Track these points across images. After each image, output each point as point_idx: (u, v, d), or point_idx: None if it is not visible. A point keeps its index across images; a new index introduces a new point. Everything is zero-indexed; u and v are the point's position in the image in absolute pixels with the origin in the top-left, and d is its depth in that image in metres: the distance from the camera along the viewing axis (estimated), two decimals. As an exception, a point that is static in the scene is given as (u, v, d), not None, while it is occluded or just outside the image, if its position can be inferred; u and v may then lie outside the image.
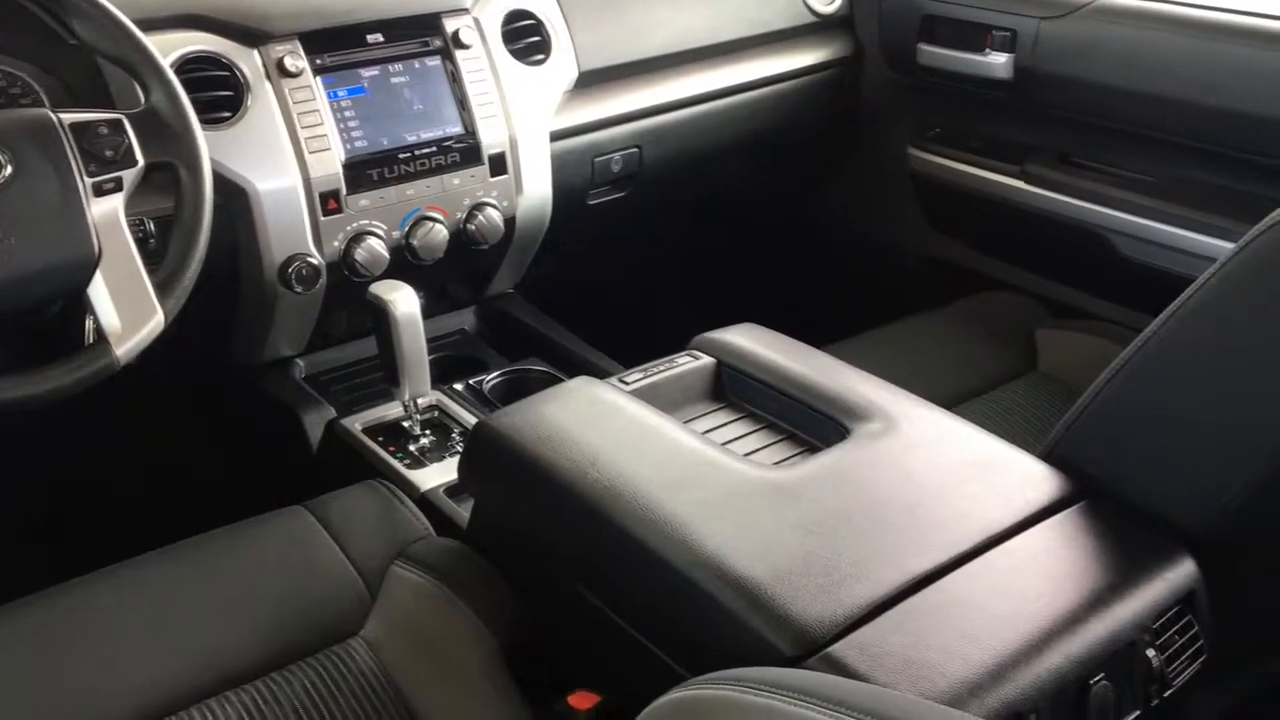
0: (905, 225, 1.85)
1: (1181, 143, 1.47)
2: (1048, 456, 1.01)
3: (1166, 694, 0.87)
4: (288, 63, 1.29)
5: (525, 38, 1.48)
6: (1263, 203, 0.87)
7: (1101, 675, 0.82)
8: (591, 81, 1.54)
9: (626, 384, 1.12)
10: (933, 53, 1.70)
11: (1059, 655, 0.81)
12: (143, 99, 1.06)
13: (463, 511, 1.17)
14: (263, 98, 1.27)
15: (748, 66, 1.71)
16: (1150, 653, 0.86)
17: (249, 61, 1.28)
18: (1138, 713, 0.86)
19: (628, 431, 1.01)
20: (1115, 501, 0.95)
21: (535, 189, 1.46)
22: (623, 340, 1.49)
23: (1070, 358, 1.48)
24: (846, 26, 1.82)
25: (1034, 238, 1.66)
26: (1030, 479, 0.97)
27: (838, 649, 0.79)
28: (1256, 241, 0.85)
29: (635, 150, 1.61)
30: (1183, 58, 1.42)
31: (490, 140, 1.40)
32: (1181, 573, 0.90)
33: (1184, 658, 0.89)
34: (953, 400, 1.40)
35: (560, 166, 1.50)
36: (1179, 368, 0.91)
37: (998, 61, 1.62)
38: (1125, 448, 0.96)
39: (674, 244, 1.94)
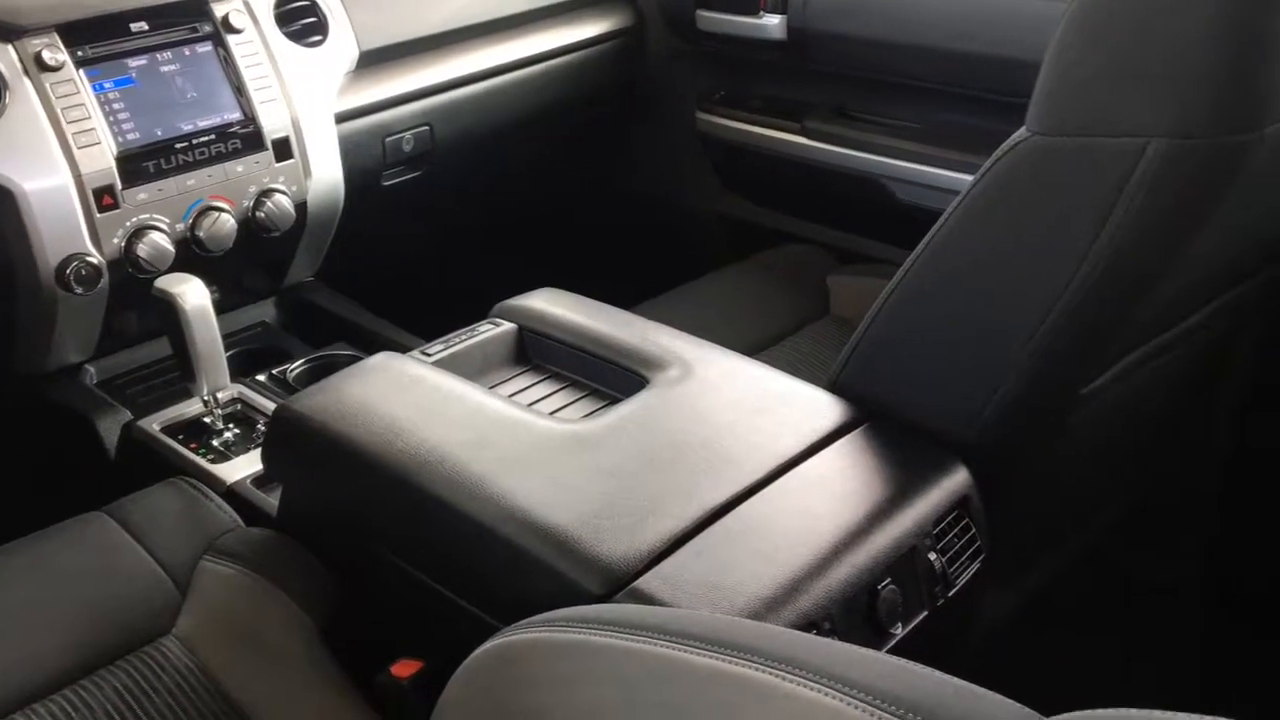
0: (700, 187, 1.91)
1: (943, 89, 1.57)
2: (833, 387, 1.07)
3: (951, 593, 0.95)
4: (46, 56, 1.24)
5: (300, 19, 1.45)
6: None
7: (888, 580, 0.88)
8: (374, 61, 1.53)
9: (428, 355, 1.12)
10: (710, 18, 1.75)
11: (847, 566, 0.87)
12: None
13: (272, 500, 1.16)
14: (21, 94, 1.22)
15: (533, 40, 1.73)
16: (932, 556, 0.93)
17: (4, 57, 1.22)
18: (926, 613, 0.92)
19: (430, 400, 1.02)
20: (894, 421, 1.02)
21: (325, 172, 1.44)
22: (433, 317, 1.49)
23: (858, 299, 1.56)
24: (628, -3, 1.86)
25: (819, 190, 1.74)
26: (817, 408, 1.03)
27: (642, 582, 0.83)
28: (992, 170, 0.91)
29: (426, 128, 1.61)
30: (937, 8, 1.51)
31: (272, 125, 1.38)
32: (956, 481, 0.97)
33: (964, 558, 0.96)
34: (755, 348, 1.46)
35: (350, 148, 1.49)
36: (935, 292, 0.98)
37: (771, 23, 1.68)
38: (897, 371, 1.02)
39: (476, 218, 1.94)
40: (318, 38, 1.47)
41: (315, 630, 0.99)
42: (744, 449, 0.96)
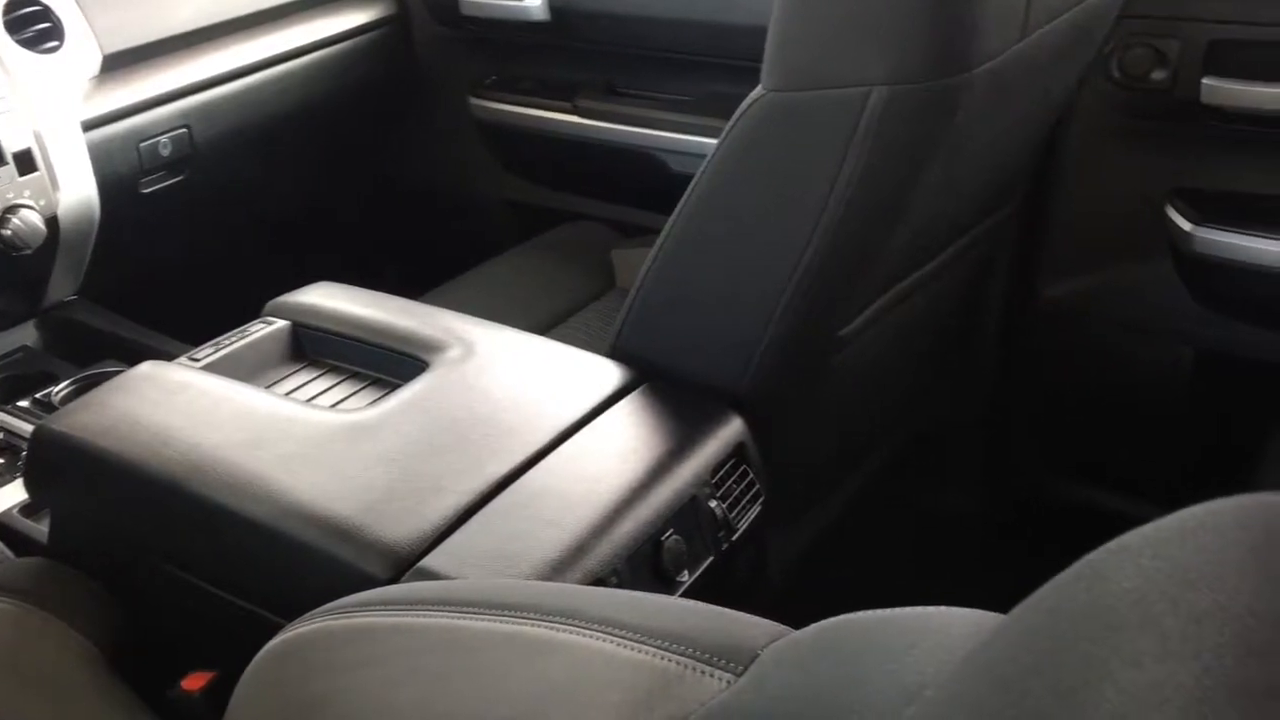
0: (479, 172, 1.91)
1: (708, 60, 1.61)
2: (612, 353, 1.10)
3: (734, 538, 0.98)
4: None
5: (32, 25, 1.37)
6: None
7: (671, 531, 0.91)
8: (121, 64, 1.46)
9: (196, 360, 1.09)
10: (472, 2, 1.75)
11: (630, 521, 0.89)
12: None
13: (42, 528, 1.10)
14: None
15: (291, 34, 1.68)
16: (713, 504, 0.96)
17: None
18: (711, 558, 0.96)
19: (199, 404, 0.99)
20: (670, 380, 1.05)
21: (75, 183, 1.37)
22: (212, 325, 1.44)
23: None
24: (387, -15, 1.83)
25: (596, 167, 1.76)
26: (597, 375, 1.05)
27: (428, 560, 0.83)
28: (734, 129, 0.95)
29: (184, 130, 1.55)
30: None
31: (10, 138, 1.30)
32: (731, 430, 1.01)
33: (744, 503, 1.00)
34: (544, 326, 1.47)
35: (101, 156, 1.42)
36: (694, 252, 1.01)
37: (533, 4, 1.69)
38: (669, 331, 1.06)
39: (249, 220, 1.88)
40: (54, 43, 1.39)
41: (100, 656, 0.95)
42: (525, 420, 0.97)
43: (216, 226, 1.81)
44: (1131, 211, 1.37)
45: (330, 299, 1.18)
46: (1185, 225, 1.31)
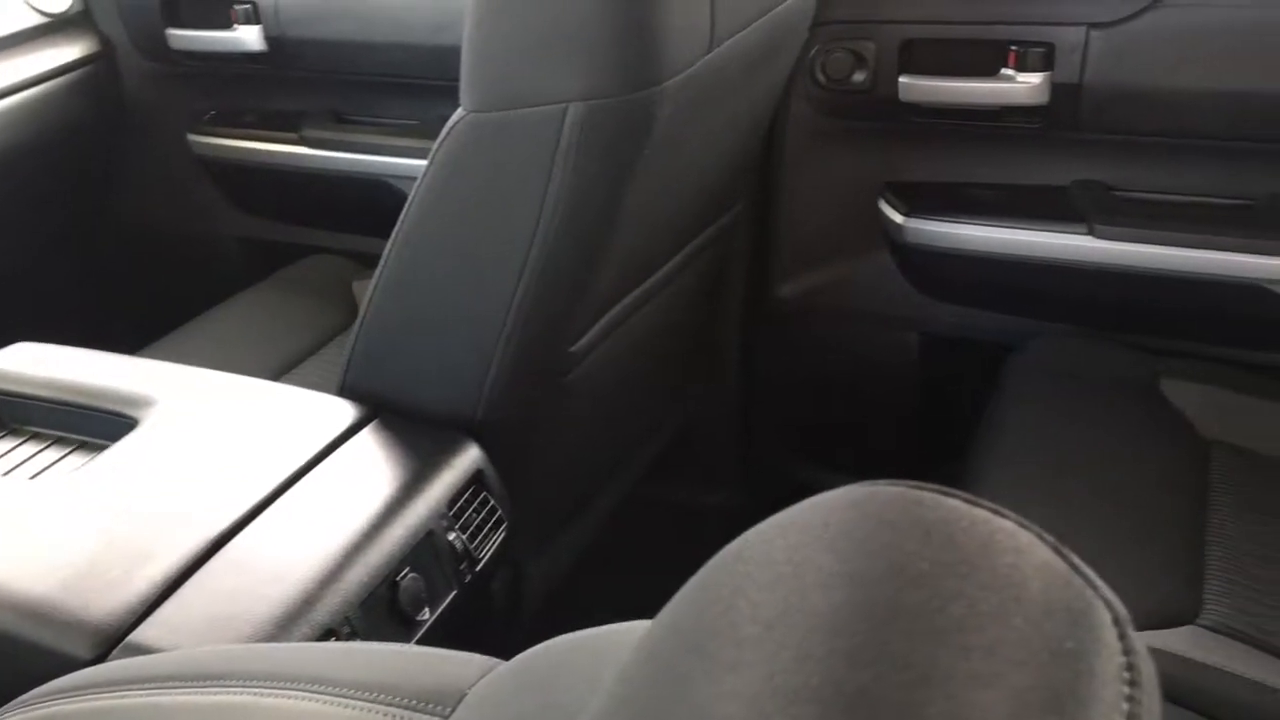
0: (207, 212, 1.81)
1: (432, 83, 1.59)
2: (341, 390, 1.06)
3: (478, 569, 0.96)
4: None
5: None
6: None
7: (407, 570, 0.88)
8: None
9: None
10: (182, 36, 1.66)
11: (361, 566, 0.85)
12: None
13: None
14: None
15: (-21, 77, 1.56)
16: (451, 536, 0.94)
17: None
18: (455, 592, 0.93)
19: None
20: (403, 412, 1.02)
21: None
22: None
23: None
24: (86, 22, 1.72)
25: (330, 198, 1.71)
26: (323, 415, 1.01)
27: (138, 634, 0.77)
28: (438, 153, 0.93)
29: None
30: (406, 4, 1.52)
31: None
32: (468, 458, 0.99)
33: (485, 532, 0.98)
34: (282, 368, 1.41)
35: None
36: (413, 280, 0.99)
37: (248, 35, 1.62)
38: (397, 362, 1.02)
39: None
40: None
41: None
42: (244, 472, 0.92)
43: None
44: (849, 208, 1.43)
45: (26, 361, 1.09)
46: (897, 218, 1.37)
